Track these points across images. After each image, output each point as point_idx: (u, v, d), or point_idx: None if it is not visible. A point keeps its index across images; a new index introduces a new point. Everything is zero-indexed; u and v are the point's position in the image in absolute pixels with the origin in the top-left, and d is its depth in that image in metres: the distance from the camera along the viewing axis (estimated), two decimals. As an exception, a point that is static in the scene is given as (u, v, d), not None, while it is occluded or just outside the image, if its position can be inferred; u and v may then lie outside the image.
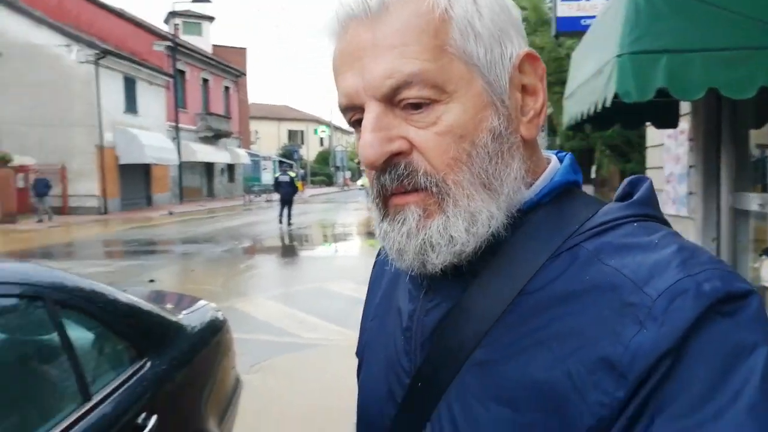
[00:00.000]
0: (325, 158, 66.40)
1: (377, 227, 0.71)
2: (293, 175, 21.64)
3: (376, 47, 0.63)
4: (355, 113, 0.67)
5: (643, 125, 5.89)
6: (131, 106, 27.95)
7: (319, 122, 69.73)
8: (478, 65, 0.64)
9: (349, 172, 64.31)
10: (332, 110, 65.98)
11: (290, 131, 68.66)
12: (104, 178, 25.41)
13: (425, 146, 0.63)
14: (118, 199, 26.54)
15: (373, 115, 0.63)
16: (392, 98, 0.63)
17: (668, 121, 4.97)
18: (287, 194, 19.89)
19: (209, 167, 37.51)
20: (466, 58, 0.64)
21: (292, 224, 19.47)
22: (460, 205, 0.64)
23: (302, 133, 68.74)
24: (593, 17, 5.46)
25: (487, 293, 0.66)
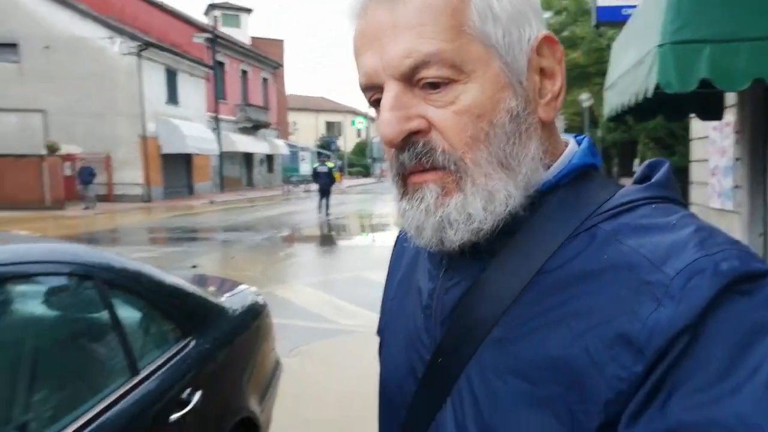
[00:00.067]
0: (362, 149, 66.49)
1: (396, 205, 0.72)
2: (331, 165, 21.77)
3: (395, 27, 0.63)
4: (374, 93, 0.68)
5: (687, 117, 5.76)
6: (173, 97, 28.42)
7: (356, 113, 69.78)
8: (496, 47, 0.65)
9: (386, 163, 64.06)
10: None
11: (328, 122, 68.95)
12: (147, 166, 25.92)
13: (443, 125, 0.64)
14: (160, 187, 27.06)
15: (392, 94, 0.64)
16: (411, 78, 0.64)
17: (713, 112, 4.85)
18: (325, 185, 20.03)
19: (248, 157, 37.97)
20: (484, 39, 0.64)
21: (330, 214, 19.60)
22: (477, 183, 0.65)
23: (339, 124, 68.95)
24: (634, 6, 5.35)
25: (505, 272, 0.67)
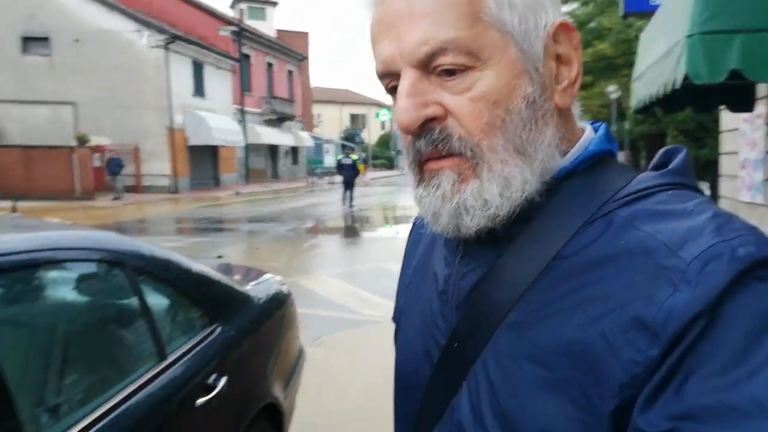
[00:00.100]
0: (386, 142, 66.46)
1: (413, 192, 0.72)
2: (356, 158, 21.81)
3: (411, 15, 0.63)
4: (391, 80, 0.68)
5: (716, 109, 5.67)
6: (199, 89, 28.71)
7: (380, 106, 69.68)
8: (512, 33, 0.65)
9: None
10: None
11: (352, 115, 69.05)
12: (174, 158, 26.25)
13: (460, 111, 0.64)
14: (187, 178, 27.39)
15: (408, 81, 0.65)
16: (427, 65, 0.64)
17: (744, 104, 4.76)
18: (349, 177, 20.07)
19: (273, 149, 38.23)
20: (500, 26, 0.64)
21: (353, 206, 19.65)
22: (494, 169, 0.65)
23: (364, 116, 68.97)
24: (665, -5, 5.26)
25: (521, 258, 0.67)
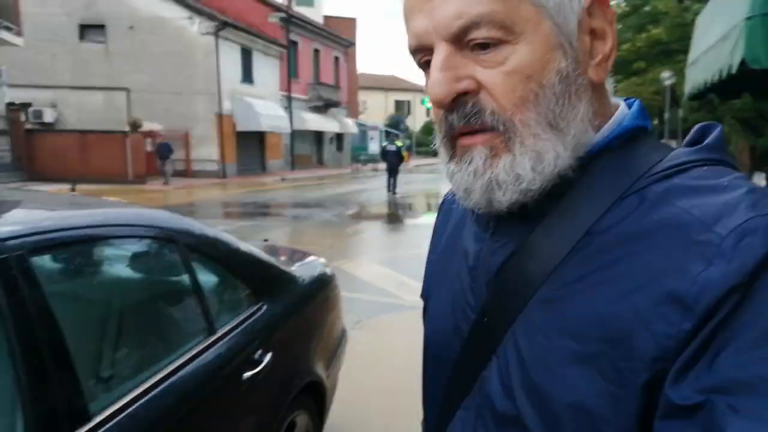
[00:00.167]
0: (430, 129, 66.11)
1: (444, 167, 0.72)
2: (400, 144, 21.83)
3: None
4: (424, 54, 0.68)
5: (776, 94, 5.45)
6: (248, 76, 29.04)
7: (425, 93, 69.28)
8: (546, 7, 0.64)
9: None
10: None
11: (397, 101, 68.84)
12: (223, 144, 26.67)
13: (493, 85, 0.64)
14: (235, 164, 27.80)
15: (441, 55, 0.64)
16: (461, 39, 0.64)
17: (805, 88, 4.58)
18: (393, 163, 20.12)
19: (319, 136, 38.48)
20: (534, 0, 0.64)
21: (397, 193, 19.70)
22: (526, 144, 0.65)
23: (409, 103, 68.73)
24: (723, -24, 5.06)
25: (553, 234, 0.67)
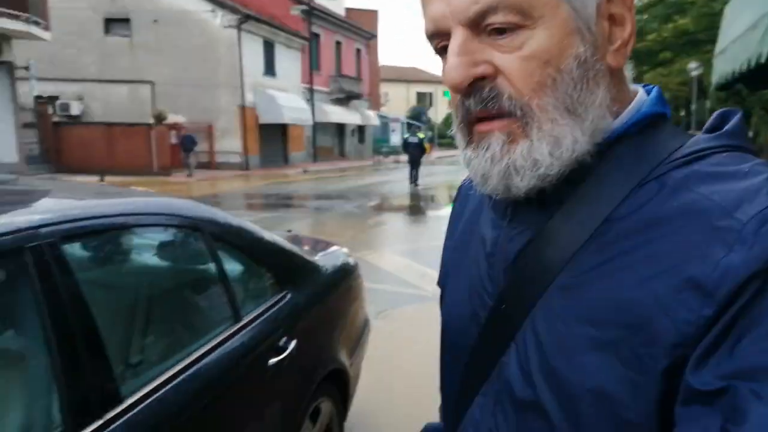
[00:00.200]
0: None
1: (461, 153, 0.71)
2: (422, 136, 21.79)
3: None
4: (441, 40, 0.68)
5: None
6: (270, 68, 29.16)
7: (442, 78, 68.86)
8: None
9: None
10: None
11: (419, 93, 68.57)
12: (245, 136, 26.84)
13: (510, 70, 0.64)
14: (257, 156, 27.98)
15: (458, 40, 0.64)
16: (478, 23, 0.63)
17: (838, 76, 4.47)
18: (415, 155, 20.11)
19: (341, 128, 38.53)
20: None
21: (418, 185, 19.69)
22: (544, 129, 0.64)
23: (431, 95, 68.41)
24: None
25: (571, 220, 0.66)
